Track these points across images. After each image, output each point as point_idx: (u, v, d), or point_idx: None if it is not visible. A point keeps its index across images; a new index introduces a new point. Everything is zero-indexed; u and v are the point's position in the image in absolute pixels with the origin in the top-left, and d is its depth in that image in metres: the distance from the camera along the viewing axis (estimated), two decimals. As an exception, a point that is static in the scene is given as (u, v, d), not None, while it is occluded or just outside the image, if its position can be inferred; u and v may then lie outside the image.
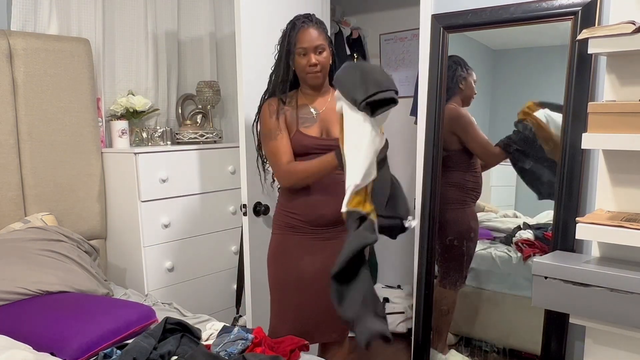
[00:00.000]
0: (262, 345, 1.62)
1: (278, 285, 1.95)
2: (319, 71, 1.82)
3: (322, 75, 1.84)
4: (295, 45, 1.80)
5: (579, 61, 1.91)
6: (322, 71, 1.83)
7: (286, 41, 1.83)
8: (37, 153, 2.34)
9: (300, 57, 1.81)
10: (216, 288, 2.82)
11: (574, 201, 1.97)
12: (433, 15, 2.26)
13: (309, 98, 1.89)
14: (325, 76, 1.87)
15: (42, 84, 2.33)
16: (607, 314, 1.60)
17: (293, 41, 1.81)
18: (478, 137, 2.30)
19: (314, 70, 1.81)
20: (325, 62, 1.82)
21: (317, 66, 1.81)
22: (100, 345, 1.64)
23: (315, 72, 1.82)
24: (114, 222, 2.62)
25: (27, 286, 1.92)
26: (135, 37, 2.80)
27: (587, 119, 1.64)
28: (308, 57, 1.80)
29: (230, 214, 2.85)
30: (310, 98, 1.89)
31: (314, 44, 1.79)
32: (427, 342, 2.38)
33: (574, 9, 1.91)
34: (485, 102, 2.32)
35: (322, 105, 1.88)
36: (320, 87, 1.88)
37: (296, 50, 1.81)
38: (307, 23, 1.81)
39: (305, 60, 1.81)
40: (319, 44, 1.80)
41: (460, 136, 2.31)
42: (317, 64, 1.80)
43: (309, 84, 1.87)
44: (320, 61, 1.81)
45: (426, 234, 2.33)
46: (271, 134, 1.86)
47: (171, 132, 2.84)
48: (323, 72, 1.84)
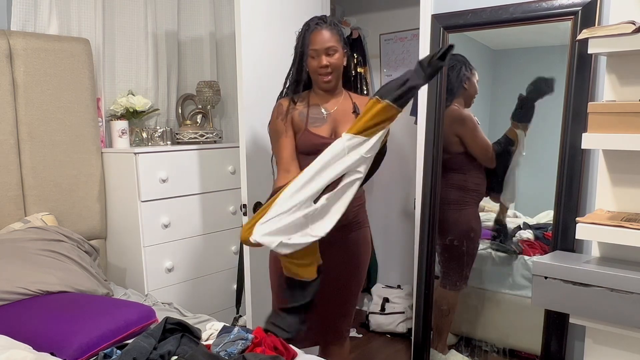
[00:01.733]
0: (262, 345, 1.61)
1: (279, 286, 1.94)
2: (330, 72, 1.81)
3: (333, 77, 1.83)
4: (307, 46, 1.80)
5: (579, 61, 1.91)
6: (333, 72, 1.82)
7: (300, 43, 1.84)
8: (37, 153, 2.34)
9: (312, 58, 1.81)
10: (216, 288, 2.82)
11: (574, 201, 1.97)
12: (433, 15, 2.26)
13: (321, 98, 1.89)
14: (338, 78, 1.86)
15: (42, 84, 2.33)
16: (607, 314, 1.60)
17: (306, 43, 1.81)
18: (481, 140, 2.29)
19: (324, 71, 1.81)
20: (336, 63, 1.82)
21: (328, 67, 1.80)
22: (100, 345, 1.63)
23: (326, 74, 1.81)
24: (114, 222, 2.62)
25: (27, 286, 1.92)
26: (135, 37, 2.80)
27: (587, 119, 1.64)
28: (319, 59, 1.80)
29: (230, 214, 2.85)
30: (323, 98, 1.89)
31: (325, 46, 1.79)
32: (427, 342, 2.38)
33: (574, 9, 1.91)
34: (485, 102, 2.32)
35: (333, 106, 1.88)
36: (332, 88, 1.87)
37: (309, 52, 1.81)
38: (320, 25, 1.81)
39: (317, 62, 1.80)
40: (331, 45, 1.79)
41: (462, 139, 2.31)
42: (327, 65, 1.80)
43: (320, 86, 1.86)
44: (332, 62, 1.80)
45: (426, 234, 2.33)
46: (276, 134, 1.88)
47: (171, 132, 2.84)
48: (334, 73, 1.83)
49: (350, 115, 1.85)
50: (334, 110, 1.87)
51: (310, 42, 1.80)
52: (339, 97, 1.90)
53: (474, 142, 2.30)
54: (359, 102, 1.89)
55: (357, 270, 1.95)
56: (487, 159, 2.29)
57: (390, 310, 3.21)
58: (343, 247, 1.89)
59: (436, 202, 2.31)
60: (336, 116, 1.86)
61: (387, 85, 1.56)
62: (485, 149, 2.28)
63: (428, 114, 2.29)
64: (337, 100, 1.89)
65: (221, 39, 3.13)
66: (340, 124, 1.84)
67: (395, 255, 3.50)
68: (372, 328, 3.25)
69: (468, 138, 2.30)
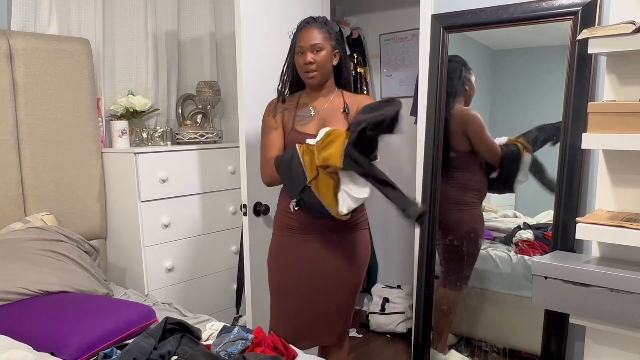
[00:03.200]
0: (262, 345, 1.62)
1: (278, 287, 1.95)
2: (315, 70, 1.81)
3: (318, 75, 1.83)
4: (296, 44, 1.83)
5: (579, 61, 1.91)
6: (318, 70, 1.82)
7: (292, 41, 1.86)
8: (37, 153, 2.34)
9: (299, 55, 1.82)
10: (216, 288, 2.82)
11: (574, 201, 1.97)
12: (433, 15, 2.26)
13: (310, 97, 1.90)
14: (324, 76, 1.85)
15: (42, 84, 2.33)
16: (607, 314, 1.60)
17: (295, 40, 1.84)
18: (488, 139, 2.29)
19: (308, 68, 1.81)
20: (322, 60, 1.81)
21: (312, 65, 1.80)
22: (100, 345, 1.64)
23: (310, 70, 1.81)
24: (114, 222, 2.62)
25: (27, 286, 1.92)
26: (135, 37, 2.80)
27: (587, 119, 1.64)
28: (304, 56, 1.81)
29: (230, 214, 2.85)
30: (312, 97, 1.90)
31: (310, 43, 1.79)
32: (427, 342, 2.38)
33: (574, 9, 1.91)
34: (485, 102, 2.32)
35: (322, 104, 1.88)
36: (318, 85, 1.87)
37: (296, 50, 1.83)
38: (310, 23, 1.82)
39: (302, 59, 1.81)
40: (316, 42, 1.79)
41: (471, 137, 2.31)
42: (312, 62, 1.80)
43: (306, 83, 1.88)
44: (317, 60, 1.80)
45: (426, 234, 2.33)
46: (265, 130, 1.90)
47: (171, 132, 2.84)
48: (320, 71, 1.82)
49: (339, 114, 1.85)
50: (323, 109, 1.87)
51: (298, 40, 1.82)
52: (329, 95, 1.90)
53: (482, 140, 2.30)
54: (351, 101, 1.88)
55: (356, 271, 1.95)
56: (494, 158, 2.29)
57: (390, 310, 3.21)
58: (341, 247, 1.89)
59: (436, 202, 2.31)
60: (324, 115, 1.86)
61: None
62: (492, 147, 2.28)
63: (428, 114, 2.29)
64: (327, 99, 1.89)
65: (221, 39, 3.13)
66: (328, 123, 1.83)
67: (395, 255, 3.50)
68: (372, 328, 3.25)
69: (476, 136, 2.30)
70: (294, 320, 1.92)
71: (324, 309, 1.92)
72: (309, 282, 1.89)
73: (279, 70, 1.94)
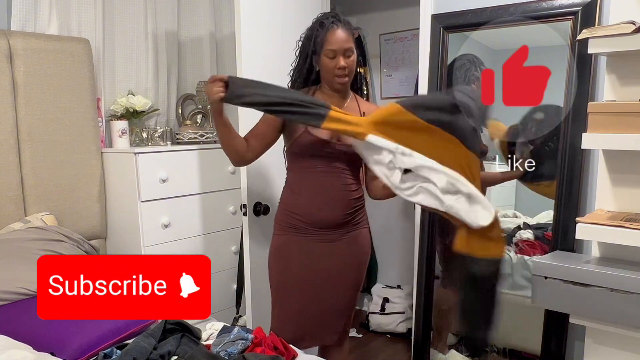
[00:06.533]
0: (262, 345, 1.62)
1: (279, 287, 1.94)
2: (347, 75, 1.78)
3: (349, 80, 1.80)
4: (322, 46, 1.75)
5: (579, 61, 1.91)
6: (349, 75, 1.78)
7: (312, 40, 1.77)
8: (37, 153, 2.34)
9: (329, 59, 1.75)
10: (216, 288, 2.80)
11: (574, 201, 1.97)
12: (433, 15, 2.26)
13: (328, 98, 1.80)
14: (351, 80, 1.83)
15: (42, 84, 2.33)
16: (607, 314, 1.60)
17: (321, 41, 1.75)
18: None
19: (342, 73, 1.76)
20: (353, 66, 1.78)
21: (346, 69, 1.76)
22: (100, 345, 1.63)
23: (343, 75, 1.77)
24: (114, 222, 2.62)
25: (27, 286, 1.92)
26: (135, 37, 2.80)
27: (587, 119, 1.64)
28: (337, 60, 1.74)
29: (230, 214, 2.85)
30: (330, 99, 1.80)
31: (343, 47, 1.73)
32: (427, 342, 2.38)
33: (574, 9, 1.92)
34: (485, 102, 2.31)
35: (339, 107, 1.78)
36: (346, 90, 1.85)
37: (324, 52, 1.75)
38: (336, 23, 1.75)
39: (334, 63, 1.75)
40: (349, 47, 1.75)
41: None
42: (345, 67, 1.75)
43: (333, 87, 1.82)
44: (349, 65, 1.76)
45: (426, 234, 2.33)
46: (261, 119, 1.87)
47: (171, 132, 2.84)
48: (350, 76, 1.79)
49: None
50: None
51: (327, 42, 1.73)
52: (346, 99, 1.87)
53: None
54: (366, 109, 1.86)
55: (356, 271, 1.95)
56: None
57: (390, 310, 3.21)
58: (342, 247, 1.88)
59: (436, 202, 2.31)
60: None
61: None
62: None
63: (428, 114, 2.29)
64: (344, 101, 1.86)
65: (221, 39, 3.13)
66: None
67: (395, 255, 3.50)
68: (372, 328, 3.25)
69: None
70: (296, 320, 1.92)
71: (325, 308, 1.92)
72: (311, 282, 1.89)
73: (279, 70, 1.93)
